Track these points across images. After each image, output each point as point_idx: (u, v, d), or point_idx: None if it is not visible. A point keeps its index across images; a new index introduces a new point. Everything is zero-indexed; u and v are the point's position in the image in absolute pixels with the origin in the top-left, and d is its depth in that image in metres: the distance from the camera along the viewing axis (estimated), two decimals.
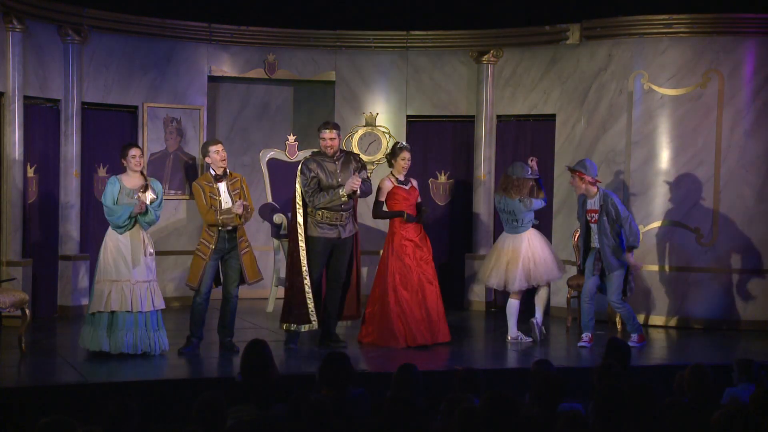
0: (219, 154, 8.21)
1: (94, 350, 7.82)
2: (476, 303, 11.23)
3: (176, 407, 6.38)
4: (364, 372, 7.25)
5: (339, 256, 8.51)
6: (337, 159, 8.50)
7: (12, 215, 9.51)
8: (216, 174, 8.24)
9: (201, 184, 8.24)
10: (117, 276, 7.84)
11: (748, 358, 6.18)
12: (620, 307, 8.97)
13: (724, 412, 4.39)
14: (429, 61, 11.46)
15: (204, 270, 8.15)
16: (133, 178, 8.02)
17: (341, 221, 8.42)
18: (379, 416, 4.61)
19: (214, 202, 8.14)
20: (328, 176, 8.40)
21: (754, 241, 9.98)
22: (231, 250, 8.25)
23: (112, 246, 7.90)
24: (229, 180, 8.27)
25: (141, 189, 7.94)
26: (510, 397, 4.58)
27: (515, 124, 11.26)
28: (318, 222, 8.37)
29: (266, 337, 7.81)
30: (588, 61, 10.60)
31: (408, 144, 9.21)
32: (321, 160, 8.48)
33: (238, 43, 11.32)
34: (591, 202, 8.90)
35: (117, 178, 8.02)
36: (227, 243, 8.22)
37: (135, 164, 8.01)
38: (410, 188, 8.94)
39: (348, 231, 8.49)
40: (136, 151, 8.04)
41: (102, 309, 7.80)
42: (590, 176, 8.84)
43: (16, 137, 9.51)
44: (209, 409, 4.61)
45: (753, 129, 9.99)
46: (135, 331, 7.84)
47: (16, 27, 9.45)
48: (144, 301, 7.88)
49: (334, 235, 8.40)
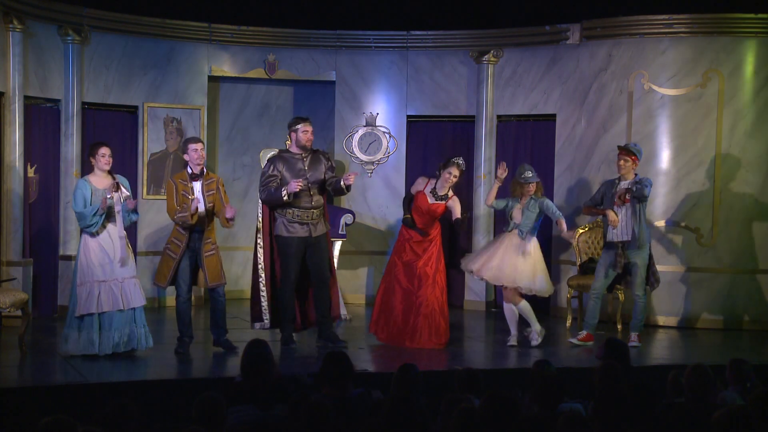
0: (197, 153, 8.12)
1: (83, 354, 7.73)
2: (476, 303, 11.23)
3: (176, 407, 6.38)
4: (364, 372, 7.25)
5: (316, 255, 8.40)
6: (305, 157, 8.41)
7: (12, 215, 9.52)
8: (192, 172, 8.16)
9: (175, 181, 8.15)
10: (104, 276, 7.77)
11: (742, 358, 6.17)
12: (644, 300, 8.89)
13: (724, 412, 4.39)
14: (429, 61, 11.46)
15: (176, 269, 8.08)
16: (102, 178, 7.90)
17: (312, 219, 8.34)
18: (379, 416, 4.61)
19: (186, 200, 8.02)
20: (295, 174, 8.28)
21: (754, 241, 9.98)
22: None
23: (95, 246, 7.79)
24: (205, 180, 8.16)
25: (112, 188, 7.80)
26: (510, 397, 4.58)
27: (515, 124, 11.26)
28: (289, 222, 8.31)
29: (266, 337, 7.83)
30: (588, 61, 10.60)
31: (462, 163, 8.84)
32: (289, 158, 8.40)
33: (238, 43, 11.33)
34: (623, 184, 8.78)
35: (86, 180, 7.89)
36: (198, 242, 8.12)
37: (104, 163, 7.88)
38: (440, 204, 8.72)
39: (319, 229, 8.40)
40: (105, 150, 7.91)
41: (93, 310, 7.72)
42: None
43: (16, 137, 9.52)
44: (208, 409, 4.61)
45: (753, 129, 9.99)
46: (124, 330, 7.81)
47: (16, 27, 9.45)
48: (134, 297, 7.84)
49: (306, 234, 8.33)
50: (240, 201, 11.50)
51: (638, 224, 8.68)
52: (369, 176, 11.44)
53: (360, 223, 11.05)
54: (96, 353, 7.73)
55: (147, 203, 10.82)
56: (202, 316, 8.41)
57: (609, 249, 8.83)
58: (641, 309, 8.90)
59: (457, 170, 8.71)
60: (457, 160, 8.76)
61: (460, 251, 11.40)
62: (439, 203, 8.74)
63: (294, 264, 8.33)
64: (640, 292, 8.83)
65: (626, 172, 8.82)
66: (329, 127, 11.63)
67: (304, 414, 4.64)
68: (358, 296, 11.39)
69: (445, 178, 8.71)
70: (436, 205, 8.73)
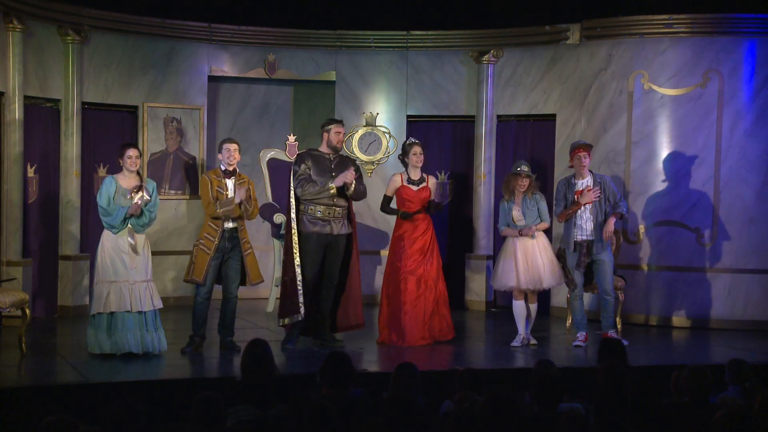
0: (230, 152, 8.27)
1: (97, 353, 7.80)
2: (476, 303, 11.23)
3: (176, 407, 6.38)
4: (364, 372, 7.25)
5: (332, 256, 8.46)
6: (334, 158, 8.50)
7: (12, 215, 9.51)
8: (225, 170, 8.29)
9: (210, 176, 8.30)
10: (115, 276, 7.82)
11: (741, 358, 6.17)
12: (612, 298, 8.85)
13: (725, 412, 4.39)
14: (429, 61, 11.46)
15: (208, 265, 8.16)
16: (129, 178, 8.00)
17: (334, 216, 8.38)
18: (379, 416, 4.61)
19: (220, 195, 8.18)
20: (322, 172, 8.37)
21: (754, 241, 9.98)
22: (232, 250, 8.25)
23: (109, 246, 7.88)
24: (237, 179, 8.31)
25: (134, 189, 7.90)
26: (510, 397, 4.58)
27: (515, 124, 11.26)
28: (311, 218, 8.34)
29: (266, 337, 7.82)
30: (588, 61, 10.60)
31: (414, 139, 9.14)
32: (318, 156, 8.47)
33: (238, 43, 11.33)
34: (581, 183, 8.79)
35: (113, 178, 8.00)
36: (228, 242, 8.22)
37: (131, 164, 7.98)
38: (422, 188, 8.87)
39: (341, 228, 8.44)
40: (133, 152, 8.01)
41: (101, 310, 7.78)
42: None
43: (16, 137, 9.52)
44: (207, 409, 4.61)
45: (753, 129, 9.99)
46: (136, 332, 7.84)
47: (16, 27, 9.45)
48: (144, 301, 7.87)
49: (327, 231, 8.36)
50: None
51: (599, 220, 8.67)
52: (369, 176, 11.43)
53: (360, 223, 11.02)
54: (108, 353, 7.77)
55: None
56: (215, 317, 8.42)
57: (575, 249, 8.77)
58: (613, 307, 8.89)
59: (418, 147, 8.88)
60: (410, 140, 9.04)
61: (460, 251, 11.42)
62: (421, 188, 8.87)
63: (311, 261, 8.33)
64: (611, 288, 8.81)
65: (583, 170, 8.80)
66: None
67: (305, 414, 4.64)
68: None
69: (414, 161, 8.84)
70: (421, 191, 8.85)
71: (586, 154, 8.80)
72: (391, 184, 8.94)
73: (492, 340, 9.48)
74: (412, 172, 8.88)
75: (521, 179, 8.73)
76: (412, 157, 8.84)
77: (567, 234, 8.82)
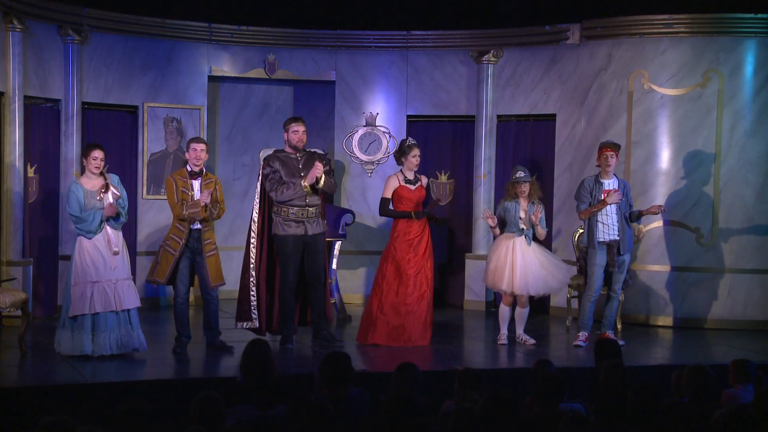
0: (196, 152, 8.15)
1: (75, 354, 7.70)
2: (476, 303, 11.23)
3: (176, 407, 6.38)
4: (364, 372, 7.25)
5: (312, 255, 8.41)
6: (301, 157, 8.45)
7: (12, 215, 9.51)
8: (191, 170, 8.20)
9: (175, 178, 8.18)
10: (97, 277, 7.74)
11: (745, 358, 6.18)
12: (618, 297, 8.91)
13: (725, 412, 4.39)
14: (429, 61, 11.46)
15: (175, 266, 8.09)
16: (93, 179, 7.88)
17: (307, 217, 8.36)
18: (379, 416, 4.61)
19: (185, 197, 8.07)
20: (291, 173, 8.32)
21: (754, 241, 9.98)
22: (202, 251, 8.19)
23: (89, 246, 7.77)
24: (204, 180, 8.20)
25: (102, 189, 7.81)
26: (510, 397, 4.58)
27: (515, 124, 11.26)
28: (284, 219, 8.32)
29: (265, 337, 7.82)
30: (588, 61, 10.60)
31: (413, 140, 9.10)
32: (284, 157, 8.43)
33: (238, 43, 11.33)
34: (607, 183, 8.79)
35: (77, 184, 7.87)
36: (197, 243, 8.13)
37: (95, 166, 7.86)
38: (418, 187, 8.88)
39: (315, 228, 8.39)
40: (98, 153, 7.88)
41: (86, 311, 7.69)
42: None
43: (16, 137, 9.52)
44: (206, 409, 4.61)
45: (753, 129, 9.99)
46: (118, 331, 7.80)
47: (16, 27, 9.45)
48: (128, 298, 7.83)
49: (301, 232, 8.32)
50: (240, 201, 11.52)
51: (626, 223, 8.72)
52: (369, 176, 11.44)
53: (360, 223, 11.06)
54: (89, 354, 7.70)
55: (147, 203, 10.83)
56: (200, 316, 8.41)
57: (601, 249, 8.75)
58: (617, 308, 8.95)
59: (418, 150, 8.86)
60: (410, 141, 8.96)
61: (460, 251, 11.42)
62: (417, 187, 8.87)
63: (291, 263, 8.33)
64: (618, 289, 8.85)
65: (609, 170, 8.79)
66: (329, 127, 11.63)
67: (304, 414, 4.64)
68: (357, 296, 11.37)
69: (413, 163, 8.82)
70: (418, 190, 8.85)
71: (613, 154, 8.78)
72: (389, 185, 8.90)
73: (492, 340, 9.47)
74: (408, 173, 8.88)
75: (521, 186, 8.76)
76: (411, 159, 8.81)
77: (590, 234, 8.81)
